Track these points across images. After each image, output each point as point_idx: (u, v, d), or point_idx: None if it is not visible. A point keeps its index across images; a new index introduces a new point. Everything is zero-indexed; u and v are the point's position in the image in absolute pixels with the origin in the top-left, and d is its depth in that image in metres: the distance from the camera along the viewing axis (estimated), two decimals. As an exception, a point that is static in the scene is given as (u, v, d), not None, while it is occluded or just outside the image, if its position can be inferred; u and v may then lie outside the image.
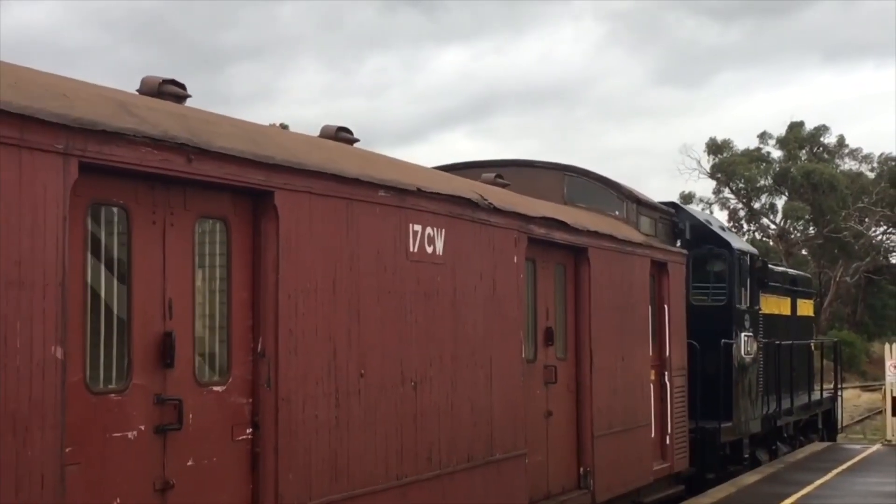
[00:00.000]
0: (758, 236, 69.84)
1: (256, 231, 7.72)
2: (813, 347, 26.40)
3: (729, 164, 69.22)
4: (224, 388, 7.45)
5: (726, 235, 19.48)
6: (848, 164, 72.79)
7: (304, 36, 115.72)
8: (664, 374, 15.56)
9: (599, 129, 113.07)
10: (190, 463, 7.08)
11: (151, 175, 6.78)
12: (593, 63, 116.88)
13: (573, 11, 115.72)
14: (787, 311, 23.85)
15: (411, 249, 9.40)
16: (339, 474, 8.35)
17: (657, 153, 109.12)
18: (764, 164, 69.80)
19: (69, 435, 6.07)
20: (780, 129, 72.23)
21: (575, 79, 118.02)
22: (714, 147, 70.19)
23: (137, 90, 7.95)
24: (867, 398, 43.63)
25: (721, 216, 66.49)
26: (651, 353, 15.17)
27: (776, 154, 71.29)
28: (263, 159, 7.61)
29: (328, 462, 8.23)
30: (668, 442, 15.59)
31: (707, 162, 70.32)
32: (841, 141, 73.00)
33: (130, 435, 6.67)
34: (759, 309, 20.20)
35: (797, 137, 71.01)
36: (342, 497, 8.37)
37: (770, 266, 21.83)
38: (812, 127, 72.16)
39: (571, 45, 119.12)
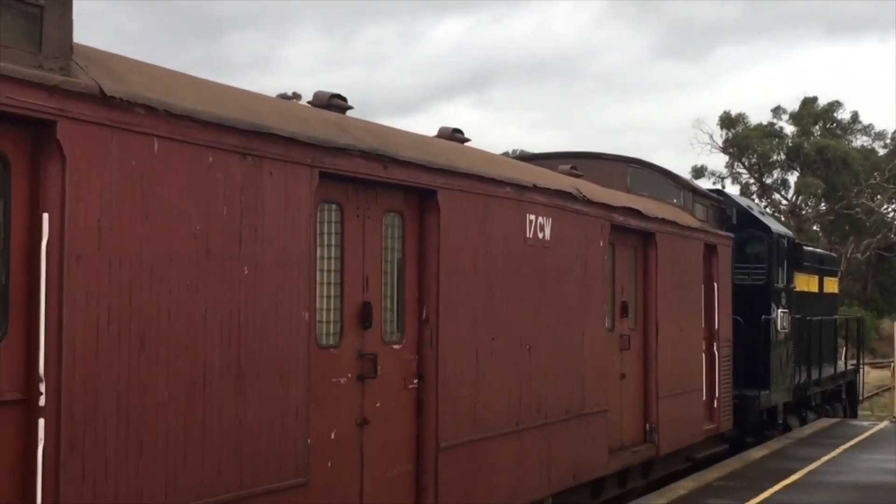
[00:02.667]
0: (769, 212, 70.69)
1: (423, 222, 9.63)
2: (837, 323, 28.30)
3: (742, 139, 69.24)
4: (400, 346, 9.39)
5: (766, 220, 21.34)
6: (860, 141, 72.78)
7: (299, 4, 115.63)
8: (713, 345, 17.45)
9: (601, 103, 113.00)
10: (378, 405, 9.02)
11: (358, 179, 8.68)
12: (592, 36, 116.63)
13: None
14: (815, 289, 25.68)
15: (528, 235, 11.30)
16: (477, 419, 10.29)
17: (660, 128, 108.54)
18: (777, 140, 69.98)
19: (312, 384, 8.00)
20: (785, 103, 72.20)
21: (574, 51, 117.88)
22: (728, 121, 70.07)
23: (309, 102, 9.81)
24: (875, 375, 43.24)
25: (733, 190, 66.80)
26: (703, 326, 17.07)
27: (789, 129, 71.29)
28: (431, 165, 9.51)
29: (469, 409, 10.16)
30: (715, 405, 17.50)
31: (720, 136, 70.32)
32: (854, 117, 72.77)
33: (342, 381, 8.60)
34: (794, 287, 22.09)
35: (811, 113, 70.93)
36: (479, 438, 10.30)
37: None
38: (825, 102, 71.75)
39: (570, 17, 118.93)
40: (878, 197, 69.85)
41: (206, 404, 6.99)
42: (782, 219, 67.37)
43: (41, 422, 5.89)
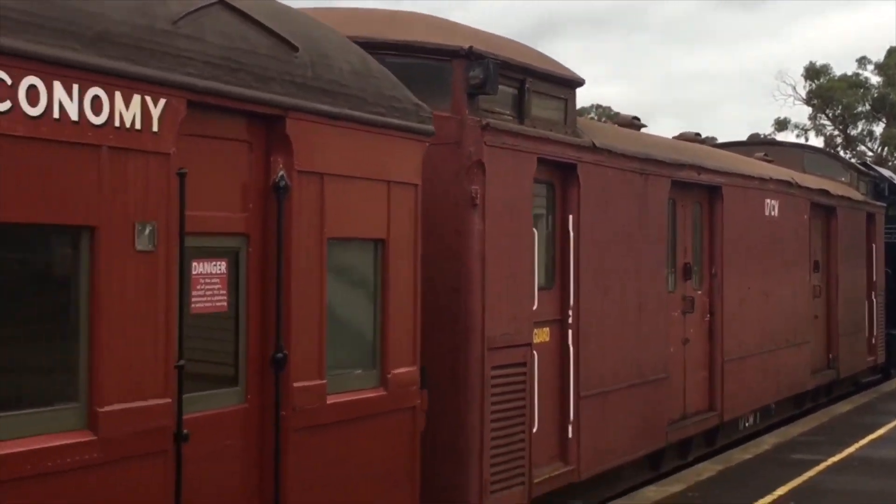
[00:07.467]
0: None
1: (711, 208, 14.18)
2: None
3: (827, 90, 67.34)
4: (701, 292, 14.00)
5: (906, 189, 25.58)
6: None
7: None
8: (872, 294, 21.83)
9: (665, 54, 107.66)
10: (692, 330, 13.65)
11: (684, 182, 13.24)
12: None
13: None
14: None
15: (766, 214, 15.81)
16: (741, 343, 14.87)
17: (728, 77, 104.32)
18: (862, 90, 67.64)
19: (665, 315, 12.63)
20: (853, 51, 68.63)
21: (632, 2, 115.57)
22: (813, 72, 68.02)
23: (615, 122, 14.36)
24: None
25: (817, 143, 62.72)
26: (865, 278, 21.45)
27: (875, 80, 68.24)
28: (720, 169, 14.05)
29: (737, 336, 14.74)
30: (874, 342, 21.90)
31: (803, 87, 68.31)
32: (943, 66, 69.62)
33: (675, 314, 13.23)
34: (928, 246, 26.28)
35: (896, 62, 68.42)
36: (743, 356, 14.90)
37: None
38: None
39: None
40: (967, 146, 69.12)
41: (627, 326, 11.65)
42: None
43: (570, 331, 10.59)
